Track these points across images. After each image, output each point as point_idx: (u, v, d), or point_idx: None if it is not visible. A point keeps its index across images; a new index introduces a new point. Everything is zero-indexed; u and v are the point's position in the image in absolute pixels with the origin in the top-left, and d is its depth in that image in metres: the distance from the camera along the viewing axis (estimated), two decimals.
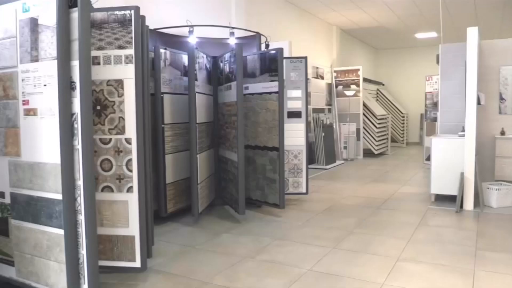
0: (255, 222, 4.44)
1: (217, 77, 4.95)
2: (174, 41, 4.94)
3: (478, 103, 4.97)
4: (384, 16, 9.62)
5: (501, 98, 5.59)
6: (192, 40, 4.80)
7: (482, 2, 8.40)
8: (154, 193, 4.20)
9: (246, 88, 4.80)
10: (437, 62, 6.10)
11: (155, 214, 4.14)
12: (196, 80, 4.30)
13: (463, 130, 5.01)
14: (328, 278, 2.97)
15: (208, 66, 4.82)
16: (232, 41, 5.11)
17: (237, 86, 4.20)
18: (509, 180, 5.25)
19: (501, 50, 5.56)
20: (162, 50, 4.32)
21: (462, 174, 4.91)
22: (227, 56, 4.57)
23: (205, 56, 4.70)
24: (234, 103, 4.30)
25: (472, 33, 4.92)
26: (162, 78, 4.32)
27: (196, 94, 4.26)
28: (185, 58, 4.63)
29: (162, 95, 4.31)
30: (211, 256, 3.44)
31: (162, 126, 4.35)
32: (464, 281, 2.87)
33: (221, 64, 4.77)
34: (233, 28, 5.14)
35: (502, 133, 5.46)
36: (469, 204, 4.91)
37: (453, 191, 5.03)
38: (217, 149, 5.08)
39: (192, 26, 4.78)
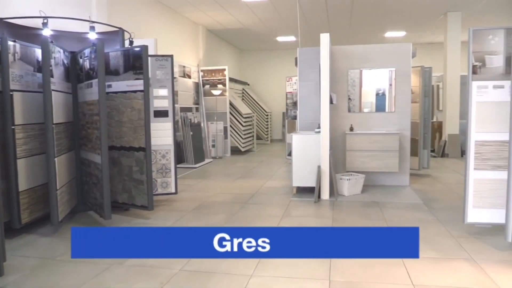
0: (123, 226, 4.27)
1: (76, 74, 4.62)
2: (25, 33, 4.47)
3: (331, 102, 5.49)
4: (247, 18, 10.02)
5: (349, 98, 6.27)
6: (47, 32, 4.41)
7: (333, 11, 9.30)
8: (4, 202, 3.77)
9: (109, 86, 4.57)
10: (296, 64, 6.57)
11: (7, 226, 3.73)
12: (52, 76, 3.97)
13: (319, 127, 5.49)
14: (199, 276, 3.00)
15: (66, 61, 4.47)
16: (93, 36, 4.82)
17: (99, 84, 3.99)
18: (357, 171, 5.92)
19: (349, 55, 6.23)
20: (10, 43, 3.88)
21: (319, 167, 5.38)
22: (87, 51, 4.29)
23: (62, 50, 4.35)
24: (96, 101, 4.07)
25: (325, 38, 5.41)
26: (11, 74, 3.88)
27: (52, 91, 3.93)
28: (38, 52, 4.22)
29: (11, 92, 3.87)
30: (75, 266, 3.21)
31: (13, 127, 3.91)
32: (323, 265, 3.17)
33: (81, 60, 4.46)
34: (93, 22, 4.84)
35: (351, 129, 6.14)
36: (325, 194, 5.40)
37: (312, 183, 5.49)
38: (79, 151, 4.75)
39: (46, 17, 4.38)
